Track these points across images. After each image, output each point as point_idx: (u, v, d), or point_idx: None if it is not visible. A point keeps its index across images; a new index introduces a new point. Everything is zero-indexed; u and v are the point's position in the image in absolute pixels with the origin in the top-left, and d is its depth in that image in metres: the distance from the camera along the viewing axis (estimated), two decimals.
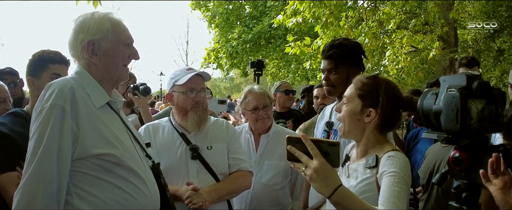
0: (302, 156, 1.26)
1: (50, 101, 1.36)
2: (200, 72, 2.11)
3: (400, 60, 9.87)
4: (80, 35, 1.50)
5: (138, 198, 1.46)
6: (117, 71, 1.56)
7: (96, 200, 1.39)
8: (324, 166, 1.22)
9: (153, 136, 2.12)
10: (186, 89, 2.05)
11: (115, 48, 1.53)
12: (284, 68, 17.40)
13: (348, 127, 1.58)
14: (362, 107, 1.54)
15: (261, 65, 5.67)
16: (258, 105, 2.51)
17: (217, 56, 15.69)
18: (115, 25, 1.54)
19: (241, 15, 16.65)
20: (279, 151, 2.49)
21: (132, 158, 1.49)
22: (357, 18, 7.69)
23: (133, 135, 1.61)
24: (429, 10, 9.12)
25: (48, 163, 1.31)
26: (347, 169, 1.62)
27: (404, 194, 1.34)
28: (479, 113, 1.04)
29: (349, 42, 2.21)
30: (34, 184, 1.30)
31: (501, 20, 12.90)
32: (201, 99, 2.08)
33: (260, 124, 2.54)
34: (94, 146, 1.39)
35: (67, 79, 1.47)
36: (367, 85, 1.54)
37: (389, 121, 1.54)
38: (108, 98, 1.54)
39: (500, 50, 14.38)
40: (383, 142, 1.55)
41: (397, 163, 1.41)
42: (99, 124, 1.44)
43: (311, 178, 1.24)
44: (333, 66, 2.13)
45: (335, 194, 1.22)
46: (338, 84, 2.16)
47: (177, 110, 2.11)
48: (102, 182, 1.41)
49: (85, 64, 1.53)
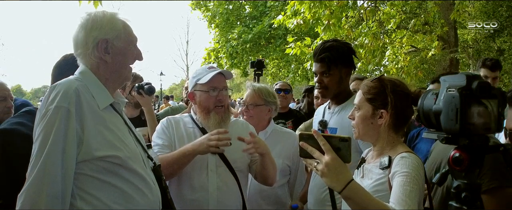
0: (314, 151, 1.28)
1: (55, 104, 1.35)
2: (222, 71, 2.11)
3: (400, 60, 9.88)
4: (93, 33, 1.49)
5: (140, 199, 1.46)
6: (126, 71, 1.57)
7: (98, 202, 1.39)
8: (335, 161, 1.24)
9: (175, 128, 2.12)
10: (208, 88, 2.05)
11: (127, 47, 1.55)
12: (284, 68, 17.41)
13: (363, 131, 1.61)
14: (373, 110, 1.57)
15: (261, 65, 5.66)
16: (246, 100, 2.54)
17: (217, 56, 15.69)
18: (125, 25, 1.56)
19: (241, 15, 16.66)
20: (276, 149, 2.47)
21: (135, 160, 1.49)
22: (357, 18, 7.70)
23: (135, 136, 1.61)
24: (429, 10, 9.13)
25: (53, 166, 1.31)
26: (362, 170, 1.65)
27: (415, 194, 1.35)
28: (480, 113, 1.04)
29: (340, 43, 2.25)
30: (39, 186, 1.30)
31: (501, 20, 12.91)
32: (223, 97, 2.08)
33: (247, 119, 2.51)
34: (98, 148, 1.38)
35: (72, 80, 1.45)
36: (374, 88, 1.58)
37: (401, 118, 1.57)
38: (112, 99, 1.53)
39: (500, 50, 14.39)
40: (397, 143, 1.57)
41: (410, 163, 1.42)
42: (103, 126, 1.43)
43: (323, 173, 1.25)
44: (326, 69, 2.18)
45: (347, 189, 1.24)
46: (332, 86, 2.20)
47: (200, 109, 2.10)
48: (105, 184, 1.40)
49: (94, 63, 1.52)
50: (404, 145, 1.60)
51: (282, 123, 3.71)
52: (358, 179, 1.63)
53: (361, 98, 1.62)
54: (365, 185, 1.53)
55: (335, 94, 2.25)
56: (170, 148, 2.02)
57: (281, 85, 4.15)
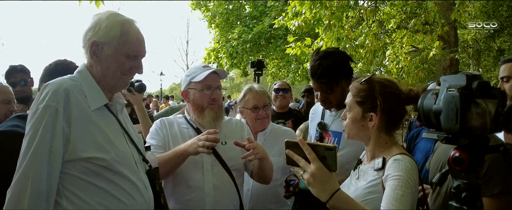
0: (300, 160, 1.26)
1: (44, 103, 1.36)
2: (217, 70, 2.11)
3: (400, 60, 9.88)
4: (89, 33, 1.50)
5: (126, 201, 1.45)
6: (113, 79, 1.53)
7: (82, 203, 1.39)
8: (321, 170, 1.23)
9: (169, 129, 2.11)
10: (203, 86, 2.05)
11: (116, 57, 1.50)
12: (284, 68, 17.41)
13: (353, 133, 1.59)
14: (363, 113, 1.55)
15: (261, 65, 5.66)
16: (258, 104, 2.51)
17: (217, 56, 15.68)
18: (124, 34, 1.51)
19: (241, 15, 16.64)
20: (276, 148, 2.48)
21: (124, 162, 1.48)
22: (357, 19, 7.70)
23: (130, 138, 1.59)
24: (429, 10, 9.12)
25: (38, 163, 1.32)
26: (358, 171, 1.63)
27: (407, 198, 1.33)
28: (480, 113, 1.04)
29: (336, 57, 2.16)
30: (24, 183, 1.31)
31: (501, 20, 12.90)
32: (217, 96, 2.08)
33: (259, 123, 2.54)
34: (84, 149, 1.39)
35: (64, 79, 1.46)
36: (363, 91, 1.55)
37: (392, 120, 1.54)
38: (106, 100, 1.53)
39: (500, 50, 14.39)
40: (390, 144, 1.55)
41: (402, 166, 1.40)
42: (92, 127, 1.43)
43: (309, 183, 1.24)
44: (328, 89, 2.14)
45: (333, 199, 1.23)
46: (336, 100, 2.17)
47: (193, 107, 2.11)
48: (90, 185, 1.40)
49: (88, 63, 1.54)
50: (399, 146, 1.57)
51: (282, 123, 3.71)
52: (353, 180, 1.62)
53: (351, 100, 1.59)
54: (359, 186, 1.52)
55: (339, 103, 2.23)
56: (163, 148, 2.02)
57: (280, 85, 4.13)
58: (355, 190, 1.52)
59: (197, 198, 1.96)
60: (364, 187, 1.50)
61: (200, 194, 1.97)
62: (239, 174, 2.13)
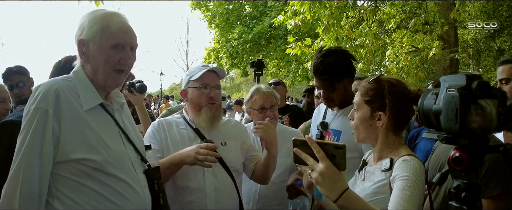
0: (308, 158, 1.24)
1: (34, 105, 1.37)
2: (214, 68, 2.10)
3: (400, 59, 9.88)
4: (77, 32, 1.50)
5: (119, 202, 1.44)
6: (104, 76, 1.50)
7: (73, 204, 1.39)
8: (330, 169, 1.20)
9: (167, 130, 2.09)
10: (200, 85, 2.04)
11: (101, 51, 1.47)
12: (284, 68, 17.40)
13: (362, 134, 1.58)
14: (371, 112, 1.54)
15: (261, 65, 5.67)
16: (265, 104, 2.49)
17: (217, 56, 15.69)
18: (105, 26, 1.47)
19: (241, 15, 16.66)
20: (284, 149, 2.47)
21: (117, 163, 1.46)
22: (357, 18, 7.70)
23: (128, 137, 1.57)
24: (429, 10, 9.13)
25: (28, 165, 1.33)
26: (363, 173, 1.62)
27: (415, 199, 1.32)
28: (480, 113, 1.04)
29: (338, 55, 2.18)
30: (15, 184, 1.33)
31: (501, 20, 12.90)
32: (215, 95, 2.05)
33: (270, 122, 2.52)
34: (74, 151, 1.38)
35: (56, 80, 1.46)
36: (371, 90, 1.54)
37: (401, 119, 1.54)
38: (100, 100, 1.51)
39: (500, 50, 14.39)
40: (398, 145, 1.54)
41: (411, 167, 1.39)
42: (83, 128, 1.42)
43: (317, 181, 1.22)
44: (330, 86, 2.15)
45: (342, 198, 1.21)
46: (338, 98, 2.18)
47: (191, 106, 2.09)
48: (81, 186, 1.40)
49: (81, 62, 1.54)
50: (406, 147, 1.56)
51: (278, 118, 3.71)
52: (359, 182, 1.61)
53: (359, 99, 1.59)
54: (366, 186, 1.52)
55: (342, 102, 2.24)
56: (160, 152, 2.01)
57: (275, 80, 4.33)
58: (361, 191, 1.51)
59: (199, 200, 1.95)
60: (370, 188, 1.49)
61: (201, 195, 1.96)
62: (238, 175, 2.13)
